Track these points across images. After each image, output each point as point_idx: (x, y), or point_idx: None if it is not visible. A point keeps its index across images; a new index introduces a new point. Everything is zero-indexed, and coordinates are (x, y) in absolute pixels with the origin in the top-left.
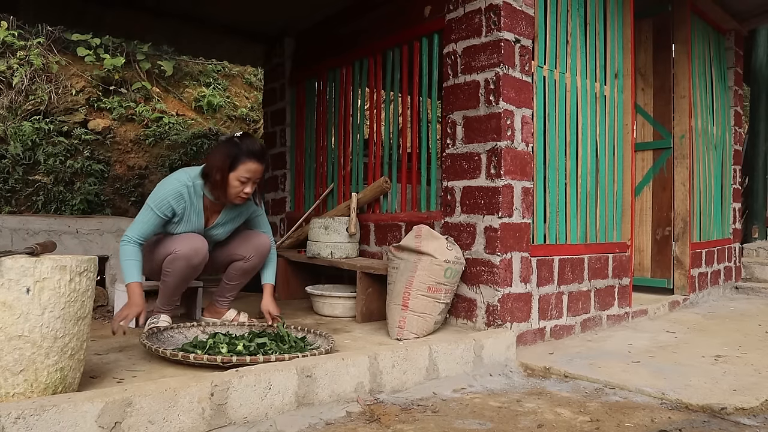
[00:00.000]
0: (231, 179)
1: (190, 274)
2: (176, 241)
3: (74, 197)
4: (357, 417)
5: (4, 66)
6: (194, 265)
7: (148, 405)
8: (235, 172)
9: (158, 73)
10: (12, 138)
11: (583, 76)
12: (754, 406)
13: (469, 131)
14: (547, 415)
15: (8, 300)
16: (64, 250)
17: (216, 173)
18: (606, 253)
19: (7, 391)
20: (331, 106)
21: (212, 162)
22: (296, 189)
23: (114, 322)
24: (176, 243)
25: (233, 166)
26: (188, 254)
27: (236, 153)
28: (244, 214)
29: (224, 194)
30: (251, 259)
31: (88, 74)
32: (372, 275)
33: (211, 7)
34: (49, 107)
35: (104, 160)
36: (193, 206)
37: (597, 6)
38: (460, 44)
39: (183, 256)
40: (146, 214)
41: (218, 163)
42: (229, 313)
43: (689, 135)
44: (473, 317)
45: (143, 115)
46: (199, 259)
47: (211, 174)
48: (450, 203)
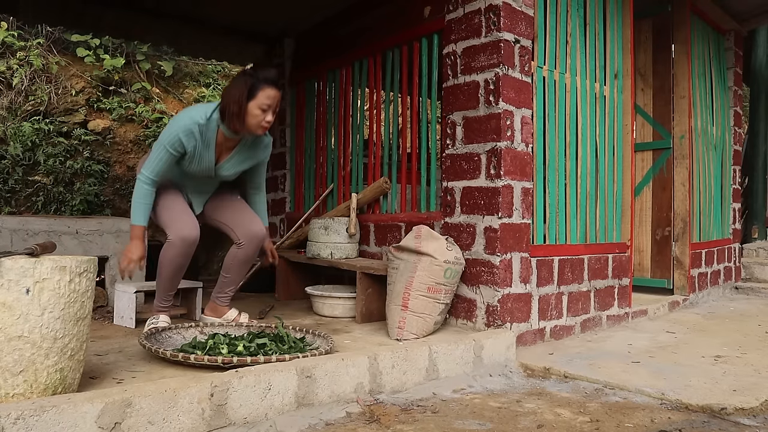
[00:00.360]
0: (251, 108)
1: (183, 262)
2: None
3: (74, 198)
4: (357, 417)
5: (4, 67)
6: (186, 253)
7: (148, 406)
8: (255, 100)
9: (158, 74)
10: (12, 139)
11: (582, 77)
12: (754, 406)
13: (469, 131)
14: (546, 416)
15: (8, 301)
16: (64, 251)
17: (234, 105)
18: (606, 253)
19: (7, 391)
20: (330, 107)
21: (229, 95)
22: (296, 189)
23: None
24: (169, 229)
25: (252, 95)
26: (177, 242)
27: (253, 82)
28: (257, 156)
29: (244, 125)
30: (244, 246)
31: (87, 75)
32: (372, 276)
33: (210, 8)
34: (49, 108)
35: (104, 160)
36: (205, 143)
37: (596, 6)
38: (460, 45)
39: (173, 243)
40: (158, 152)
41: (236, 95)
42: (230, 312)
43: (689, 135)
44: (473, 318)
45: (143, 116)
46: (189, 243)
47: (229, 107)
48: (450, 204)
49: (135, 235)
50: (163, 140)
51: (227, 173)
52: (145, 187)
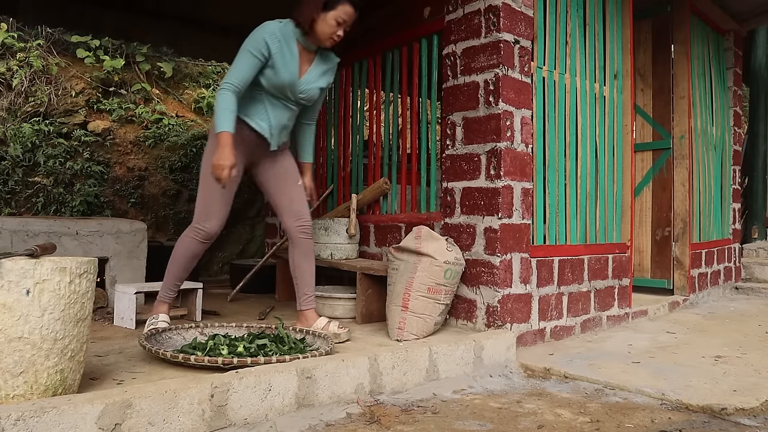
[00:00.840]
0: (328, 18)
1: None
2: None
3: (74, 199)
4: (357, 418)
5: (4, 68)
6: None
7: (148, 406)
8: (334, 11)
9: (158, 75)
10: (12, 140)
11: (582, 77)
12: (755, 406)
13: (469, 132)
14: (547, 416)
15: (8, 302)
16: (64, 252)
17: (312, 11)
18: (606, 253)
19: (7, 393)
20: (330, 107)
21: (306, 4)
22: None
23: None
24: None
25: (332, 6)
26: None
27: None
28: (327, 76)
29: (317, 33)
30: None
31: (87, 76)
32: (372, 276)
33: (210, 10)
34: (49, 109)
35: (104, 161)
36: (289, 47)
37: (596, 7)
38: (460, 45)
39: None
40: (242, 58)
41: (313, 3)
42: (319, 321)
43: (689, 135)
44: (473, 318)
45: (143, 117)
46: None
47: (306, 14)
48: (450, 204)
49: (224, 143)
50: (247, 46)
51: (308, 88)
52: (228, 94)
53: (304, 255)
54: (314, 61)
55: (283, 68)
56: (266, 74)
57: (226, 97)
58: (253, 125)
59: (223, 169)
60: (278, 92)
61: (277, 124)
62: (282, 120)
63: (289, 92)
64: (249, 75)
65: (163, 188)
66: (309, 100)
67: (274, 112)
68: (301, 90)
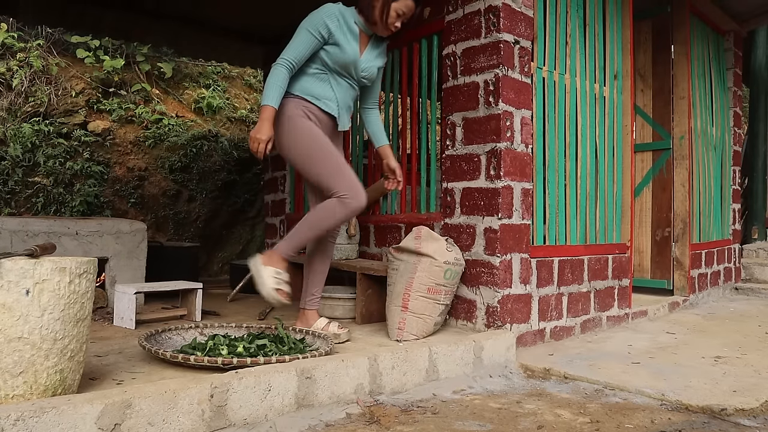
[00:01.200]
0: (392, 8)
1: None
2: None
3: (74, 199)
4: (357, 418)
5: (4, 68)
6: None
7: (148, 407)
8: (397, 3)
9: (158, 75)
10: (12, 140)
11: (582, 78)
12: (754, 407)
13: (469, 132)
14: (547, 417)
15: (8, 302)
16: (64, 252)
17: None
18: (606, 254)
19: (7, 393)
20: None
21: None
22: (296, 190)
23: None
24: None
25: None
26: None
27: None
28: (382, 56)
29: (379, 21)
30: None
31: (87, 76)
32: (372, 277)
33: (210, 10)
34: (49, 109)
35: (104, 161)
36: (349, 27)
37: (596, 7)
38: (460, 45)
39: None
40: (301, 36)
41: None
42: (319, 321)
43: (689, 136)
44: (473, 318)
45: (143, 117)
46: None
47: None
48: (450, 204)
49: (266, 117)
50: (305, 25)
51: (368, 66)
52: (283, 70)
53: (325, 255)
54: (369, 42)
55: (346, 45)
56: (330, 52)
57: (279, 72)
58: (323, 106)
59: (259, 142)
60: (343, 70)
61: (344, 104)
62: (347, 99)
63: (352, 70)
64: (305, 53)
65: (163, 188)
66: (369, 78)
67: (339, 91)
68: (362, 68)
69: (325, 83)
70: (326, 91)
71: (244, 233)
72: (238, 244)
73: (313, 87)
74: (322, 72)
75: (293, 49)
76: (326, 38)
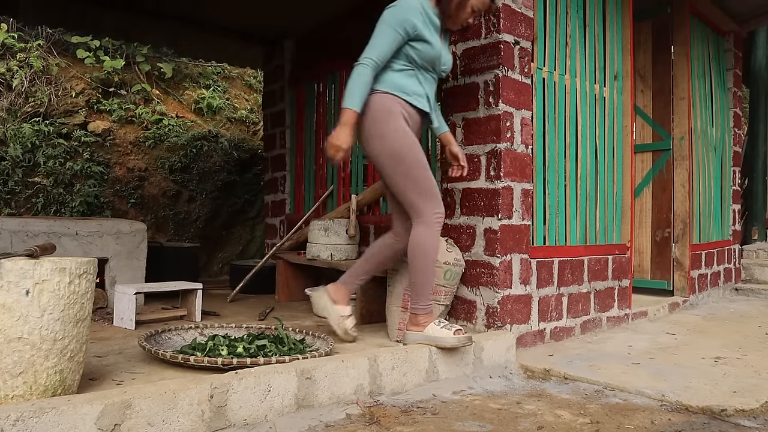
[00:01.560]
0: (467, 5)
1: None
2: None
3: (74, 199)
4: (357, 419)
5: (4, 68)
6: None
7: (148, 407)
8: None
9: (158, 75)
10: (12, 140)
11: (582, 78)
12: (755, 407)
13: (469, 133)
14: (547, 417)
15: (7, 302)
16: (64, 252)
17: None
18: (606, 254)
19: (6, 393)
20: (330, 108)
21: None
22: (296, 191)
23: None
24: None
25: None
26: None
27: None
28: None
29: (454, 15)
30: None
31: (87, 76)
32: (371, 277)
33: (210, 10)
34: (49, 109)
35: (104, 162)
36: (431, 21)
37: (596, 8)
38: (460, 46)
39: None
40: (385, 33)
41: None
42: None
43: (689, 136)
44: (473, 319)
45: (143, 117)
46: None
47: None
48: (450, 205)
49: (347, 121)
50: (389, 22)
51: (447, 59)
52: (368, 71)
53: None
54: (443, 34)
55: (433, 40)
56: (419, 49)
57: (364, 73)
58: (415, 103)
59: (338, 150)
60: (430, 65)
61: (433, 100)
62: (432, 94)
63: (437, 64)
64: (389, 52)
65: (163, 189)
66: (446, 71)
67: (427, 86)
68: (443, 61)
69: (413, 79)
70: (417, 87)
71: (244, 234)
72: (238, 245)
73: (403, 83)
74: (409, 68)
75: (377, 47)
76: (411, 35)
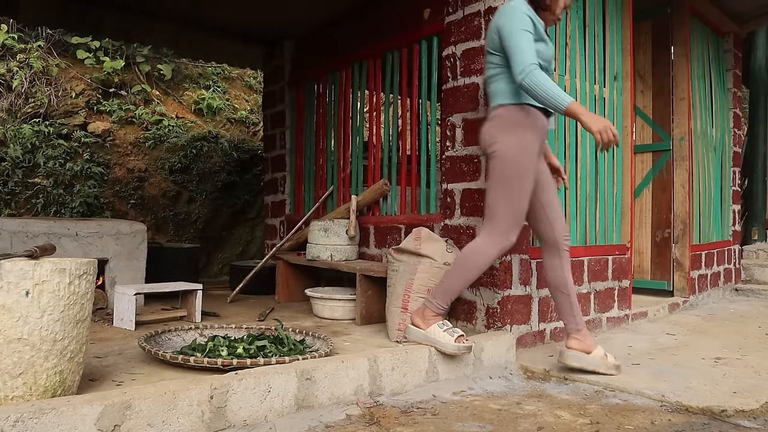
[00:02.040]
0: (560, 3)
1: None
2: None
3: (74, 200)
4: (357, 420)
5: (4, 69)
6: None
7: (148, 408)
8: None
9: (158, 76)
10: (11, 141)
11: (582, 79)
12: (755, 408)
13: (469, 134)
14: (547, 418)
15: (7, 303)
16: (64, 253)
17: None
18: (606, 255)
19: (6, 394)
20: (330, 109)
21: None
22: (296, 191)
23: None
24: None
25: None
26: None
27: None
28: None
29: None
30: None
31: (87, 77)
32: (372, 278)
33: (210, 11)
34: (49, 110)
35: (104, 162)
36: (537, 19)
37: (596, 8)
38: (460, 47)
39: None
40: (521, 38)
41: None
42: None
43: (688, 137)
44: (473, 319)
45: (143, 118)
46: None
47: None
48: (450, 205)
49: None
50: (517, 25)
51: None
52: (540, 71)
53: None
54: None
55: (546, 38)
56: (539, 48)
57: (542, 75)
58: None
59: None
60: (548, 64)
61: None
62: None
63: (551, 61)
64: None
65: (163, 189)
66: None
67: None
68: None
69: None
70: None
71: (244, 234)
72: (238, 245)
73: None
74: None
75: (527, 51)
76: (534, 35)
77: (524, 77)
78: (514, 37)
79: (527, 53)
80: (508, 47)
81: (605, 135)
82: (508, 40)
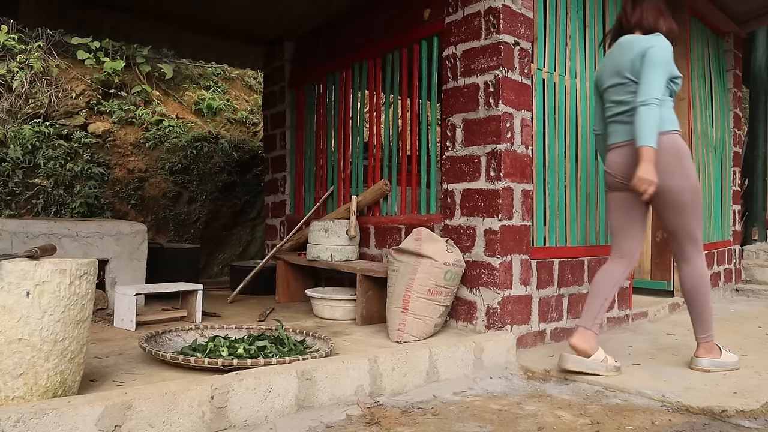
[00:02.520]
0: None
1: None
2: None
3: (74, 200)
4: (357, 420)
5: (5, 69)
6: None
7: (148, 408)
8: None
9: (158, 77)
10: (12, 141)
11: (582, 79)
12: (755, 408)
13: (469, 134)
14: (547, 418)
15: (8, 303)
16: (64, 254)
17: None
18: (606, 255)
19: (7, 394)
20: (330, 109)
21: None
22: (296, 192)
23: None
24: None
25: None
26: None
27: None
28: None
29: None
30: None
31: (88, 77)
32: (372, 278)
33: (210, 11)
34: (49, 110)
35: (104, 163)
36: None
37: (596, 8)
38: (460, 47)
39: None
40: (661, 73)
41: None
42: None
43: (689, 137)
44: (473, 320)
45: (143, 119)
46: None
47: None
48: (450, 206)
49: (650, 158)
50: (660, 62)
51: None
52: (657, 110)
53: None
54: None
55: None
56: (676, 83)
57: (656, 113)
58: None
59: (651, 184)
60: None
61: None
62: None
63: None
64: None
65: (163, 190)
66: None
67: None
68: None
69: (671, 109)
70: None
71: (245, 234)
72: (238, 246)
73: (671, 116)
74: (669, 100)
75: (657, 86)
76: (672, 74)
77: (647, 106)
78: (652, 70)
79: (656, 88)
80: (646, 73)
81: (641, 185)
82: (651, 68)
